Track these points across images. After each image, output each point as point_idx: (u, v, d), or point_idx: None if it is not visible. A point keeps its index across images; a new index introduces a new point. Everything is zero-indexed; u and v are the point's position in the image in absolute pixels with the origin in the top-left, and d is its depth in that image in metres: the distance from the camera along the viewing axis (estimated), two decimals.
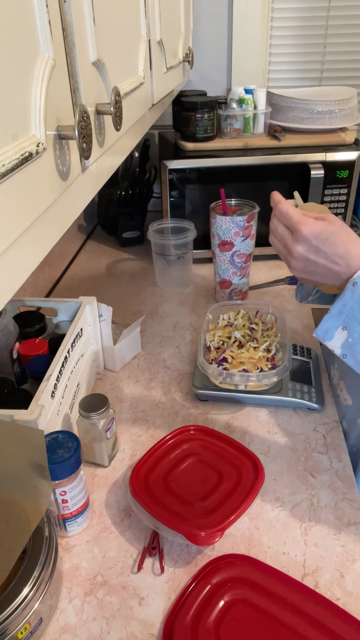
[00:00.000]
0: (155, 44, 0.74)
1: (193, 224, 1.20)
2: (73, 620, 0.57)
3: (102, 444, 0.74)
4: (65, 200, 0.40)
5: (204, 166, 1.23)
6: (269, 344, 0.90)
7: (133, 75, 0.62)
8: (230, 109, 1.27)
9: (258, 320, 0.98)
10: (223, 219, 1.05)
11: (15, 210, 0.30)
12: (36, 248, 0.35)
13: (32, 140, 0.31)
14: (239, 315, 1.00)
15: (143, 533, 0.67)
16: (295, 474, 0.74)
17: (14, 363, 0.80)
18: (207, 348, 0.93)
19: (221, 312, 1.03)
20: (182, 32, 1.08)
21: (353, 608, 0.57)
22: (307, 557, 0.63)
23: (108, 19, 0.49)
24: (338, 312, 0.59)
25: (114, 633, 0.56)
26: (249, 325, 0.97)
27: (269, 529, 0.67)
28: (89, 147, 0.39)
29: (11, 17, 0.29)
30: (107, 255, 1.47)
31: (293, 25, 1.45)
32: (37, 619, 0.53)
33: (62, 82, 0.37)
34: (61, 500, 0.63)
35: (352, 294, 0.57)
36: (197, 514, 0.64)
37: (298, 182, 1.26)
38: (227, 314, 1.01)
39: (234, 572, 0.60)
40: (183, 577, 0.61)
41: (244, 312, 1.01)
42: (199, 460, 0.73)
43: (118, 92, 0.47)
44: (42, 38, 0.33)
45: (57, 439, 0.63)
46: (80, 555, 0.64)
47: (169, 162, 1.23)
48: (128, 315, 1.15)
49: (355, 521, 0.67)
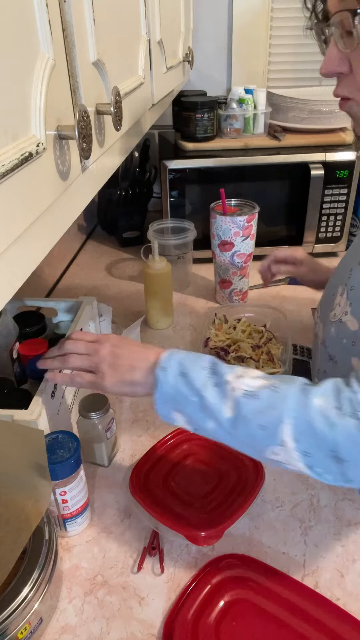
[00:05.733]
0: (155, 44, 0.74)
1: (193, 224, 1.20)
2: (73, 620, 0.57)
3: (102, 444, 0.74)
4: (65, 200, 0.40)
5: (204, 166, 1.23)
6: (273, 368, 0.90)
7: (133, 75, 0.62)
8: (230, 109, 1.27)
9: (263, 347, 0.95)
10: (223, 219, 1.05)
11: (15, 210, 0.30)
12: (36, 248, 0.35)
13: (32, 140, 0.31)
14: (240, 326, 0.99)
15: (143, 533, 0.67)
16: (295, 474, 0.74)
17: (14, 363, 0.80)
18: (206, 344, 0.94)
19: (223, 313, 1.03)
20: (182, 32, 1.08)
21: (353, 608, 0.57)
22: (307, 557, 0.63)
23: (108, 19, 0.49)
24: (163, 401, 0.56)
25: (114, 633, 0.56)
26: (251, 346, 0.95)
27: (269, 529, 0.67)
28: (89, 147, 0.39)
29: (11, 17, 0.29)
30: (107, 255, 1.47)
31: (293, 25, 1.45)
32: (37, 619, 0.53)
33: (62, 82, 0.37)
34: (61, 500, 0.63)
35: (164, 380, 0.55)
36: (197, 514, 0.64)
37: (298, 182, 1.26)
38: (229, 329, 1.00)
39: (234, 572, 0.60)
40: (183, 577, 0.61)
41: (245, 326, 1.00)
42: (199, 460, 0.73)
43: (118, 92, 0.47)
44: (42, 38, 0.33)
45: (57, 439, 0.63)
46: (80, 555, 0.64)
47: (169, 162, 1.23)
48: (128, 315, 1.15)
49: (355, 521, 0.67)
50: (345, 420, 0.47)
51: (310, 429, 0.48)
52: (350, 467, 0.47)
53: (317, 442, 0.48)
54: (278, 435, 0.49)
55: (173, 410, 0.55)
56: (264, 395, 0.51)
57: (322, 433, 0.47)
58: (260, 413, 0.50)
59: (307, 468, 0.49)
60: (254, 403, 0.51)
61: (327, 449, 0.47)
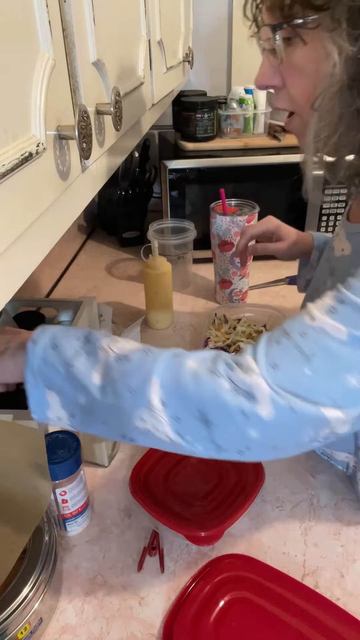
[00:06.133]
0: (155, 44, 0.74)
1: (193, 224, 1.20)
2: (73, 620, 0.57)
3: (102, 444, 0.74)
4: (65, 200, 0.40)
5: (204, 166, 1.23)
6: None
7: (133, 75, 0.62)
8: (230, 109, 1.27)
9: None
10: (223, 219, 1.05)
11: (15, 210, 0.30)
12: (36, 248, 0.35)
13: (32, 140, 0.31)
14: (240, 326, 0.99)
15: (143, 533, 0.67)
16: (295, 474, 0.74)
17: None
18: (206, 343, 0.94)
19: (223, 313, 1.03)
20: (182, 32, 1.08)
21: (353, 608, 0.57)
22: (307, 557, 0.63)
23: (108, 19, 0.49)
24: (34, 378, 0.49)
25: (114, 633, 0.56)
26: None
27: (269, 529, 0.67)
28: (89, 147, 0.39)
29: (11, 17, 0.29)
30: (107, 255, 1.47)
31: None
32: (37, 619, 0.53)
33: (62, 82, 0.37)
34: (61, 500, 0.63)
35: (33, 353, 0.49)
36: (197, 514, 0.64)
37: (298, 182, 1.25)
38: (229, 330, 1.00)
39: (234, 572, 0.60)
40: (183, 577, 0.61)
41: (245, 327, 1.00)
42: (199, 460, 0.73)
43: (118, 92, 0.47)
44: (42, 38, 0.33)
45: (57, 439, 0.63)
46: (80, 555, 0.64)
47: (169, 162, 1.22)
48: (128, 315, 1.15)
49: (355, 521, 0.67)
50: (216, 379, 0.45)
51: (177, 387, 0.45)
52: (219, 432, 0.44)
53: (184, 403, 0.45)
54: (145, 396, 0.45)
55: (46, 388, 0.49)
56: (136, 357, 0.47)
57: (189, 390, 0.45)
58: (129, 375, 0.46)
59: (178, 436, 0.46)
60: (124, 365, 0.47)
61: (194, 408, 0.44)
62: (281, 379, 0.44)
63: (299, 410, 0.43)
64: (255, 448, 0.45)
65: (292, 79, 0.52)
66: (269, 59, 0.53)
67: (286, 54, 0.50)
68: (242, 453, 0.46)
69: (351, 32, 0.44)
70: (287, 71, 0.52)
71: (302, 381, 0.43)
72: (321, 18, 0.45)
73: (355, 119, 0.48)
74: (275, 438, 0.45)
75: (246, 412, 0.43)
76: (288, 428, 0.44)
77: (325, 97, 0.48)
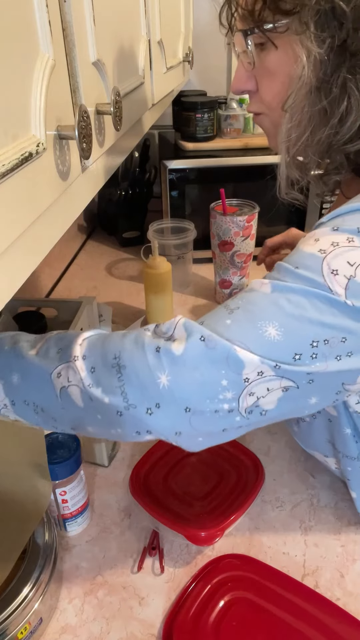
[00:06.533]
0: (155, 44, 0.74)
1: (193, 224, 1.20)
2: (73, 620, 0.57)
3: (102, 444, 0.74)
4: (65, 200, 0.40)
5: (204, 166, 1.23)
6: None
7: (133, 75, 0.62)
8: (230, 109, 1.27)
9: None
10: (223, 219, 1.05)
11: (15, 210, 0.30)
12: (36, 248, 0.35)
13: (32, 140, 0.31)
14: None
15: (143, 533, 0.67)
16: (295, 474, 0.74)
17: None
18: None
19: None
20: (182, 32, 1.08)
21: (353, 608, 0.57)
22: (307, 557, 0.63)
23: (108, 19, 0.49)
24: None
25: (114, 633, 0.56)
26: None
27: (269, 529, 0.67)
28: (89, 147, 0.39)
29: (11, 17, 0.29)
30: (107, 255, 1.47)
31: None
32: (37, 619, 0.53)
33: (62, 82, 0.37)
34: (61, 500, 0.63)
35: None
36: (197, 514, 0.64)
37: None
38: None
39: (234, 572, 0.60)
40: (183, 577, 0.61)
41: None
42: (199, 460, 0.73)
43: (118, 92, 0.47)
44: (42, 38, 0.33)
45: (57, 439, 0.63)
46: (80, 555, 0.64)
47: (169, 162, 1.22)
48: (128, 315, 1.15)
49: (355, 521, 0.67)
50: (141, 331, 0.47)
51: (102, 344, 0.47)
52: (129, 376, 0.44)
53: (103, 354, 0.46)
54: (70, 352, 0.47)
55: None
56: (72, 332, 0.51)
57: (112, 343, 0.46)
58: (62, 339, 0.49)
59: (89, 388, 0.45)
60: (60, 334, 0.50)
61: (111, 356, 0.45)
62: (202, 329, 0.45)
63: (212, 344, 0.43)
64: (166, 406, 0.43)
65: (264, 83, 0.54)
66: (243, 65, 0.54)
67: (259, 58, 0.52)
68: (151, 412, 0.44)
69: (318, 34, 0.45)
70: (260, 75, 0.53)
71: (220, 329, 0.44)
72: (290, 22, 0.47)
73: (322, 117, 0.50)
74: (187, 387, 0.43)
75: (160, 349, 0.44)
76: (200, 370, 0.43)
77: (297, 99, 0.50)
